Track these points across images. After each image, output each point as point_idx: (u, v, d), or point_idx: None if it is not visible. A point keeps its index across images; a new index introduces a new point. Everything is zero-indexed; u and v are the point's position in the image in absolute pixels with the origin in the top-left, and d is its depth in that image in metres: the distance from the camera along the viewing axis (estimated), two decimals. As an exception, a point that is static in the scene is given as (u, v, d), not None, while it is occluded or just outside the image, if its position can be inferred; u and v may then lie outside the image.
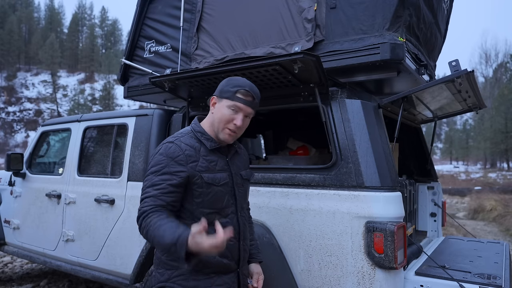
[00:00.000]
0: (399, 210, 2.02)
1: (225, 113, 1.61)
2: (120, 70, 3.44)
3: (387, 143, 2.19)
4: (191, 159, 1.58)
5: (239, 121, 1.61)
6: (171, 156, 1.56)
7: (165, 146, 1.60)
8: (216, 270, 1.61)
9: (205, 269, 1.59)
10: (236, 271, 1.69)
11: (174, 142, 1.60)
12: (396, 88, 2.90)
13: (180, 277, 1.58)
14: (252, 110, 1.65)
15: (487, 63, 56.35)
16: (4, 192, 4.07)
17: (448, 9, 3.39)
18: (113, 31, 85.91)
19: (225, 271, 1.64)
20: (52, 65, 63.27)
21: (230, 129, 1.62)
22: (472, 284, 2.04)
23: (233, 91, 1.60)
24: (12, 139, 54.82)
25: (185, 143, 1.60)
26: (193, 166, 1.57)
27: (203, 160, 1.60)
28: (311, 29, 2.45)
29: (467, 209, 11.62)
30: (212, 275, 1.60)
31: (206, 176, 1.59)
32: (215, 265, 1.60)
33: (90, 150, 3.45)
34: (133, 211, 2.88)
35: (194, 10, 2.99)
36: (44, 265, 3.62)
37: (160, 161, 1.56)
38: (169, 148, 1.58)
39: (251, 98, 1.63)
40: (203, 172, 1.59)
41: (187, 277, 1.57)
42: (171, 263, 1.59)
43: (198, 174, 1.57)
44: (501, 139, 39.75)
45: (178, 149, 1.57)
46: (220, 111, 1.62)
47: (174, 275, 1.58)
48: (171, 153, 1.56)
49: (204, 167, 1.60)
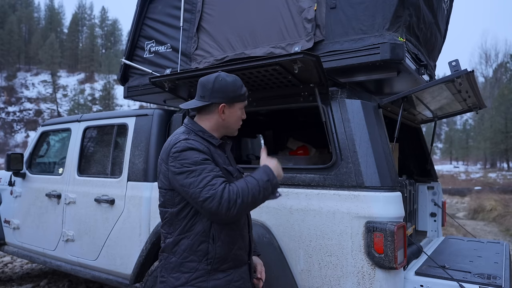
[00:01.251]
0: (399, 210, 2.02)
1: (239, 115, 1.72)
2: (120, 70, 3.44)
3: (387, 143, 2.19)
4: (210, 153, 1.60)
5: (244, 115, 1.76)
6: (198, 149, 1.56)
7: (183, 143, 1.56)
8: (232, 264, 1.62)
9: (223, 266, 1.59)
10: (248, 263, 1.71)
11: (189, 138, 1.59)
12: (396, 88, 2.90)
13: (199, 279, 1.55)
14: None
15: (487, 63, 56.41)
16: (4, 192, 4.07)
17: (448, 9, 3.39)
18: (113, 31, 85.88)
19: (240, 264, 1.65)
20: (52, 65, 63.24)
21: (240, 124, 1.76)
22: (472, 284, 2.04)
23: (243, 93, 1.69)
24: (12, 139, 54.80)
25: (196, 140, 1.61)
26: (213, 159, 1.59)
27: (216, 155, 1.64)
28: (311, 29, 2.45)
29: (467, 209, 11.62)
30: (229, 271, 1.60)
31: (226, 167, 1.64)
32: (232, 258, 1.61)
33: (90, 150, 3.45)
34: (133, 211, 2.88)
35: (194, 10, 2.99)
36: (44, 265, 3.62)
37: (190, 155, 1.53)
38: (190, 144, 1.56)
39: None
40: (221, 164, 1.62)
41: (206, 278, 1.56)
42: (190, 264, 1.56)
43: (220, 166, 1.60)
44: (501, 139, 39.74)
45: (198, 144, 1.58)
46: (235, 115, 1.71)
47: (192, 277, 1.56)
48: (195, 146, 1.56)
49: (220, 161, 1.63)
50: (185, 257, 1.57)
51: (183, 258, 1.57)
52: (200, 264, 1.56)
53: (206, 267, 1.56)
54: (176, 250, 1.60)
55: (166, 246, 1.64)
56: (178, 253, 1.59)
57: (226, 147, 1.77)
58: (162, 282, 1.62)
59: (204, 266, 1.56)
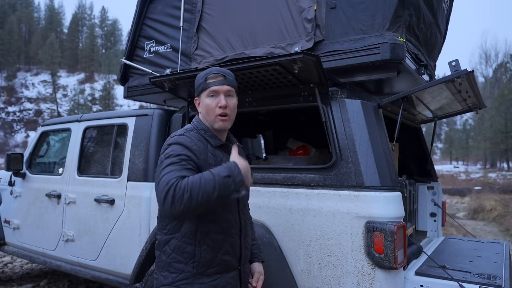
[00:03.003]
0: (399, 210, 2.02)
1: (208, 103, 1.66)
2: (120, 70, 3.44)
3: (387, 143, 2.19)
4: (202, 152, 1.59)
5: (222, 101, 1.64)
6: (184, 144, 1.56)
7: (176, 137, 1.60)
8: (219, 269, 1.60)
9: (209, 270, 1.58)
10: (238, 269, 1.69)
11: (184, 134, 1.61)
12: (396, 88, 2.90)
13: (184, 281, 1.56)
14: (229, 87, 1.68)
15: (487, 63, 56.43)
16: (4, 192, 4.07)
17: (448, 9, 3.39)
18: (113, 31, 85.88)
19: (227, 269, 1.63)
20: (52, 65, 63.22)
21: (220, 114, 1.65)
22: (472, 284, 2.03)
23: (203, 81, 1.67)
24: (12, 139, 54.79)
25: (194, 137, 1.61)
26: (205, 158, 1.58)
27: (211, 155, 1.62)
28: (311, 29, 2.45)
29: (467, 209, 11.62)
30: (215, 276, 1.59)
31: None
32: (218, 263, 1.60)
33: (90, 150, 3.45)
34: (133, 211, 2.88)
35: (194, 10, 2.99)
36: (44, 265, 3.62)
37: (174, 147, 1.54)
38: (181, 138, 1.58)
39: (222, 77, 1.66)
40: (213, 166, 1.58)
41: (191, 281, 1.56)
42: (177, 265, 1.58)
43: (208, 168, 1.56)
44: (501, 139, 39.74)
45: (190, 140, 1.58)
46: (204, 104, 1.68)
47: (178, 278, 1.57)
48: (183, 141, 1.57)
49: (212, 162, 1.61)
50: (173, 258, 1.58)
51: (171, 258, 1.59)
52: (187, 266, 1.56)
53: (192, 270, 1.56)
54: (165, 249, 1.61)
55: (158, 244, 1.66)
56: (167, 253, 1.60)
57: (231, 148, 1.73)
58: (155, 278, 1.65)
59: (190, 268, 1.56)
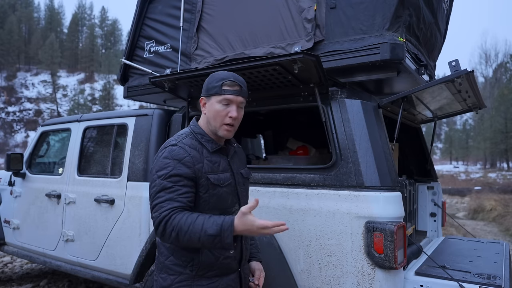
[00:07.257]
0: (399, 210, 2.02)
1: (218, 109, 1.59)
2: (120, 70, 3.44)
3: (387, 143, 2.19)
4: (197, 161, 1.56)
5: (234, 113, 1.60)
6: (177, 158, 1.53)
7: (169, 149, 1.57)
8: (219, 272, 1.60)
9: (208, 273, 1.58)
10: (238, 271, 1.68)
11: (177, 144, 1.58)
12: (396, 88, 2.90)
13: (182, 283, 1.56)
14: (243, 99, 1.64)
15: (487, 63, 56.43)
16: (4, 192, 4.07)
17: (448, 9, 3.39)
18: (113, 31, 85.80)
19: (227, 272, 1.63)
20: (52, 65, 63.17)
21: (228, 124, 1.61)
22: (472, 284, 2.03)
23: (218, 86, 1.59)
24: (12, 139, 54.74)
25: (188, 145, 1.59)
26: (199, 168, 1.56)
27: (207, 162, 1.60)
28: (311, 29, 2.45)
29: (467, 209, 11.62)
30: (215, 279, 1.59)
31: (212, 177, 1.58)
32: (218, 266, 1.59)
33: (90, 150, 3.45)
34: (133, 211, 2.88)
35: (194, 10, 2.99)
36: (44, 265, 3.62)
37: (166, 164, 1.53)
38: (174, 150, 1.55)
39: (238, 87, 1.61)
40: (208, 173, 1.58)
41: (190, 283, 1.56)
42: (175, 268, 1.58)
43: (205, 176, 1.56)
44: (501, 139, 39.73)
45: (183, 151, 1.55)
46: (213, 109, 1.61)
47: (177, 281, 1.56)
48: (176, 155, 1.54)
49: (208, 169, 1.59)
50: (171, 260, 1.58)
51: (169, 261, 1.59)
52: (185, 269, 1.57)
53: (190, 272, 1.56)
54: (163, 252, 1.62)
55: (157, 246, 1.68)
56: (166, 255, 1.60)
57: (230, 150, 1.73)
58: (155, 280, 1.65)
59: (189, 271, 1.56)
